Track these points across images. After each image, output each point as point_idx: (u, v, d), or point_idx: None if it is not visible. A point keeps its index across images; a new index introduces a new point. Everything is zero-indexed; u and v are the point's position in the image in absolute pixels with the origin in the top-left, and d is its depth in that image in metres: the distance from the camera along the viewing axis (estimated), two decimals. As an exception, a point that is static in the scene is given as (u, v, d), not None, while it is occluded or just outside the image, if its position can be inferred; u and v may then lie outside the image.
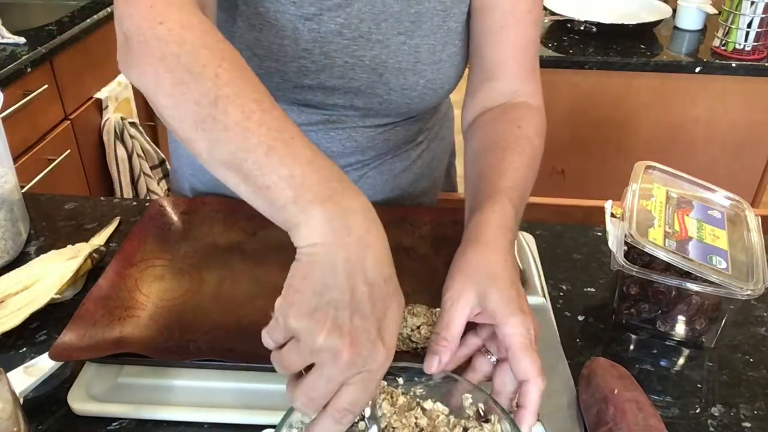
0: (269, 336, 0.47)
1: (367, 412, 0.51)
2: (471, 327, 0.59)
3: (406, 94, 0.80)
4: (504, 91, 0.80)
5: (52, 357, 0.63)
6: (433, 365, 0.55)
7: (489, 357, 0.59)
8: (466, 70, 0.85)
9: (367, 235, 0.48)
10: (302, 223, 0.47)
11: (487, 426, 0.54)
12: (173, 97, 0.54)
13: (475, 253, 0.60)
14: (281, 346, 0.47)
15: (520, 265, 0.81)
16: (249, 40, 0.75)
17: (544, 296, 0.77)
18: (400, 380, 0.58)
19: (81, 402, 0.63)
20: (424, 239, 0.84)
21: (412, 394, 0.58)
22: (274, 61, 0.75)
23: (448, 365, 0.56)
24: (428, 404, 0.57)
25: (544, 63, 1.71)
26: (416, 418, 0.55)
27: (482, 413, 0.55)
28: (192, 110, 0.52)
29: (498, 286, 0.56)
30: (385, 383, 0.57)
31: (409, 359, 0.65)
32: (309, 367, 0.46)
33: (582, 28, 1.83)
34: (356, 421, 0.51)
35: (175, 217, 0.86)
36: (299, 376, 0.47)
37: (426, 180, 0.97)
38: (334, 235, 0.47)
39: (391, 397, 0.57)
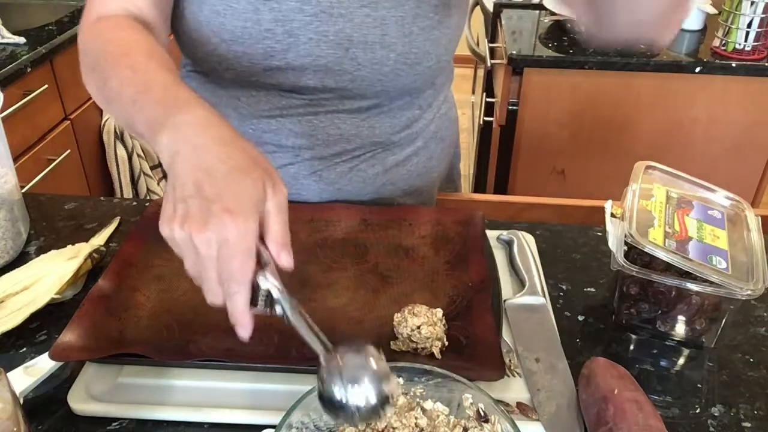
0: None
1: (266, 284, 0.51)
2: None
3: (376, 69, 0.79)
4: None
5: (52, 357, 0.63)
6: None
7: None
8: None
9: (197, 135, 0.54)
10: (159, 153, 0.56)
11: (487, 426, 0.54)
12: (95, 96, 0.69)
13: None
14: None
15: (521, 266, 0.81)
16: (215, 26, 0.76)
17: (544, 296, 0.77)
18: (401, 380, 0.58)
19: (81, 402, 0.63)
20: (424, 239, 0.84)
21: (412, 394, 0.58)
22: (240, 45, 0.77)
23: None
24: (428, 404, 0.57)
25: (544, 63, 1.72)
26: (416, 418, 0.55)
27: (482, 413, 0.55)
28: (101, 97, 0.67)
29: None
30: None
31: (409, 359, 0.65)
32: None
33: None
34: (265, 296, 0.52)
35: (175, 217, 0.86)
36: None
37: (422, 180, 0.96)
38: (172, 149, 0.54)
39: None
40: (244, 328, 0.52)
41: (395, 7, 0.77)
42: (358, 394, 0.50)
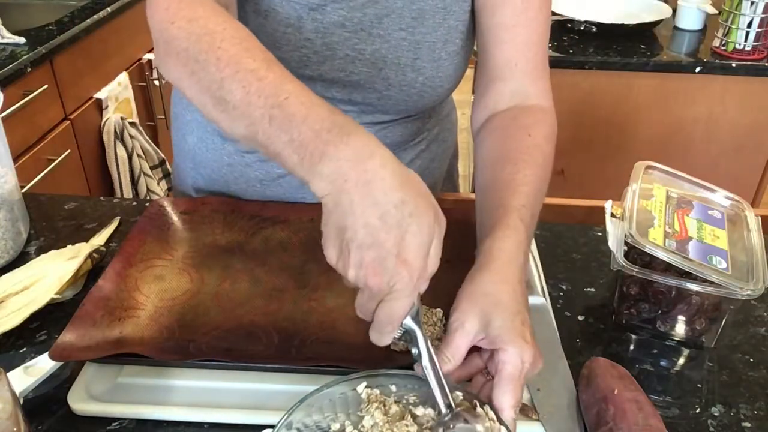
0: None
1: (410, 323, 0.56)
2: (476, 348, 0.60)
3: (404, 91, 0.80)
4: (514, 92, 0.79)
5: (52, 357, 0.63)
6: (445, 369, 0.58)
7: (488, 377, 0.60)
8: (469, 73, 0.85)
9: (365, 174, 0.51)
10: (310, 182, 0.53)
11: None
12: (192, 87, 0.61)
13: (483, 280, 0.61)
14: None
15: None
16: (253, 26, 0.76)
17: (544, 296, 0.77)
18: (393, 387, 0.57)
19: (81, 402, 0.63)
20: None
21: (404, 401, 0.57)
22: (277, 49, 0.76)
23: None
24: (420, 410, 0.56)
25: (544, 63, 1.72)
26: (407, 425, 0.55)
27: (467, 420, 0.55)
28: (209, 95, 0.59)
29: (502, 315, 0.58)
30: (378, 391, 0.57)
31: (410, 359, 0.65)
32: None
33: (582, 28, 1.83)
34: (402, 332, 0.57)
35: (174, 217, 0.86)
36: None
37: (426, 180, 0.96)
38: (334, 187, 0.52)
39: (384, 405, 0.56)
40: (376, 342, 0.57)
41: (430, 33, 0.78)
42: None
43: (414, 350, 0.57)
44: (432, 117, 0.94)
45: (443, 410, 0.55)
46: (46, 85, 1.68)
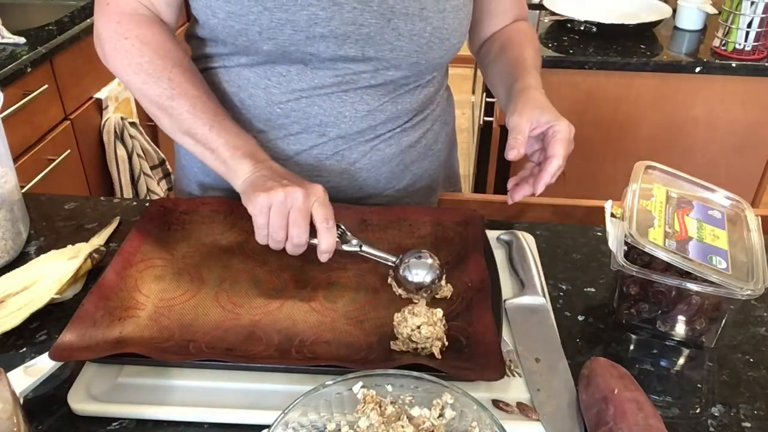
0: (259, 230, 0.75)
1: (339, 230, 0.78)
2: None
3: (414, 41, 0.83)
4: (504, 21, 0.99)
5: (52, 357, 0.63)
6: (512, 154, 0.78)
7: (532, 160, 0.85)
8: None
9: (282, 170, 0.78)
10: (238, 169, 0.79)
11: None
12: (141, 90, 0.84)
13: (530, 92, 0.84)
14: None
15: (521, 266, 0.81)
16: None
17: (544, 296, 0.77)
18: (389, 388, 0.57)
19: (81, 402, 0.63)
20: (423, 239, 0.84)
21: (400, 402, 0.57)
22: (284, 11, 0.78)
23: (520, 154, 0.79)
24: (415, 411, 0.56)
25: (544, 63, 1.71)
26: (402, 427, 0.55)
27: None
28: (155, 100, 0.82)
29: (548, 111, 0.82)
30: (374, 392, 0.57)
31: (410, 359, 0.65)
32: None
33: (582, 28, 1.83)
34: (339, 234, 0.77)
35: (174, 218, 0.86)
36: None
37: (428, 161, 0.99)
38: (257, 169, 0.78)
39: (380, 406, 0.56)
40: (298, 248, 0.75)
41: None
42: (419, 275, 0.76)
43: (347, 247, 0.78)
44: (436, 93, 0.96)
45: (394, 260, 0.77)
46: (46, 85, 1.68)
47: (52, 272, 0.76)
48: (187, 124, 0.81)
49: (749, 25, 1.66)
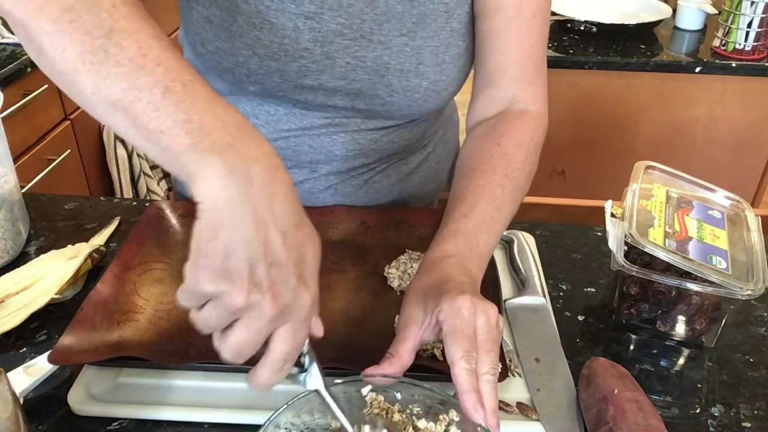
0: (183, 300, 0.46)
1: (305, 349, 0.52)
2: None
3: (408, 96, 0.80)
4: (503, 98, 0.80)
5: (51, 361, 0.62)
6: (376, 377, 0.56)
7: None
8: (471, 73, 0.85)
9: (271, 183, 0.45)
10: (200, 174, 0.44)
11: None
12: (59, 23, 0.47)
13: (419, 279, 0.63)
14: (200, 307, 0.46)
15: (521, 266, 0.81)
16: (249, 39, 0.74)
17: (544, 296, 0.77)
18: (398, 395, 0.57)
19: (81, 402, 0.63)
20: (423, 241, 0.84)
21: (408, 412, 0.57)
22: (275, 60, 0.75)
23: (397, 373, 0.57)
24: (422, 423, 0.56)
25: (544, 63, 1.72)
26: None
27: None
28: (80, 40, 0.47)
29: (434, 293, 0.58)
30: (382, 398, 0.56)
31: (417, 362, 0.65)
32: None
33: (582, 28, 1.83)
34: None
35: (173, 220, 0.86)
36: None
37: (433, 182, 0.97)
38: (236, 186, 0.44)
39: (387, 413, 0.56)
40: (263, 386, 0.50)
41: (431, 37, 0.77)
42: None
43: (301, 377, 0.53)
44: (437, 119, 0.93)
45: (350, 429, 0.53)
46: (46, 85, 1.68)
47: (52, 272, 0.76)
48: (126, 81, 0.46)
49: (749, 25, 1.66)
